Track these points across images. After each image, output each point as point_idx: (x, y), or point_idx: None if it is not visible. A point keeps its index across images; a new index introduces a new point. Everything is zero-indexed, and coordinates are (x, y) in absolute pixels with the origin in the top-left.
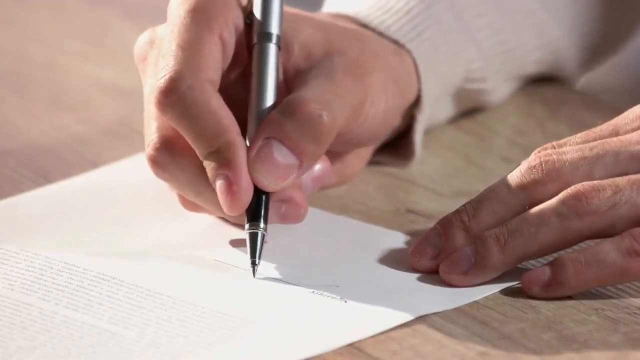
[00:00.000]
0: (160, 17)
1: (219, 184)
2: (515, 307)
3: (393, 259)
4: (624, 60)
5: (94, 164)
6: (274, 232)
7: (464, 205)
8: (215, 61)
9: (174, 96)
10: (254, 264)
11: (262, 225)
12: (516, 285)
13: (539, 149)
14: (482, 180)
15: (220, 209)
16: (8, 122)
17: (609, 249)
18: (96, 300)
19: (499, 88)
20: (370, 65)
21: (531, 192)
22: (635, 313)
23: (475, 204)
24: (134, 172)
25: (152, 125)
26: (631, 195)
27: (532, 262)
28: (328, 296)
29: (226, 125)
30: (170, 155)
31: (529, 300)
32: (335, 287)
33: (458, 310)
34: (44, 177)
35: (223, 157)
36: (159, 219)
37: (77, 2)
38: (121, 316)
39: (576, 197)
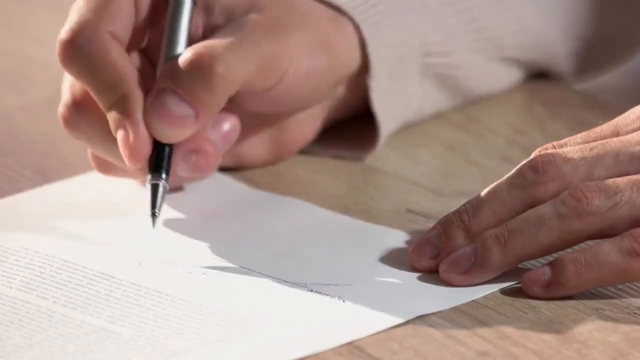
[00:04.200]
0: None
1: (119, 136)
2: (515, 307)
3: (393, 259)
4: None
5: None
6: (273, 230)
7: (464, 205)
8: (122, 15)
9: (72, 48)
10: (154, 215)
11: (163, 176)
12: (516, 285)
13: (539, 148)
14: (482, 180)
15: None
16: (8, 122)
17: (609, 249)
18: (94, 299)
19: (477, 67)
20: (294, 25)
21: (531, 192)
22: (635, 313)
23: (476, 204)
24: None
25: (65, 84)
26: (631, 196)
27: (532, 262)
28: (327, 295)
29: (124, 75)
30: (80, 113)
31: (529, 300)
32: (333, 286)
33: (458, 310)
34: (44, 177)
35: (122, 109)
36: (159, 217)
37: None
38: (119, 314)
39: (576, 197)
